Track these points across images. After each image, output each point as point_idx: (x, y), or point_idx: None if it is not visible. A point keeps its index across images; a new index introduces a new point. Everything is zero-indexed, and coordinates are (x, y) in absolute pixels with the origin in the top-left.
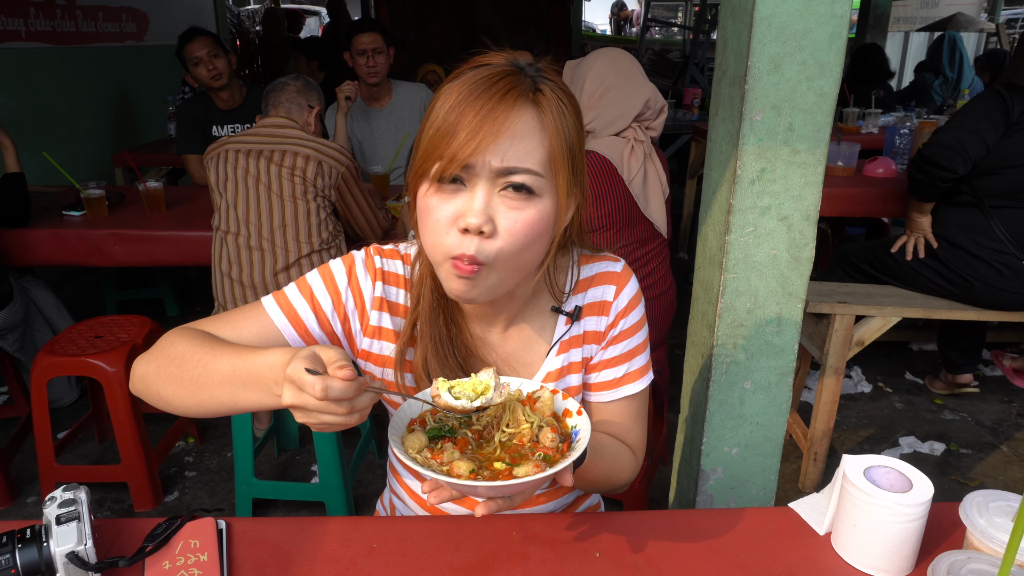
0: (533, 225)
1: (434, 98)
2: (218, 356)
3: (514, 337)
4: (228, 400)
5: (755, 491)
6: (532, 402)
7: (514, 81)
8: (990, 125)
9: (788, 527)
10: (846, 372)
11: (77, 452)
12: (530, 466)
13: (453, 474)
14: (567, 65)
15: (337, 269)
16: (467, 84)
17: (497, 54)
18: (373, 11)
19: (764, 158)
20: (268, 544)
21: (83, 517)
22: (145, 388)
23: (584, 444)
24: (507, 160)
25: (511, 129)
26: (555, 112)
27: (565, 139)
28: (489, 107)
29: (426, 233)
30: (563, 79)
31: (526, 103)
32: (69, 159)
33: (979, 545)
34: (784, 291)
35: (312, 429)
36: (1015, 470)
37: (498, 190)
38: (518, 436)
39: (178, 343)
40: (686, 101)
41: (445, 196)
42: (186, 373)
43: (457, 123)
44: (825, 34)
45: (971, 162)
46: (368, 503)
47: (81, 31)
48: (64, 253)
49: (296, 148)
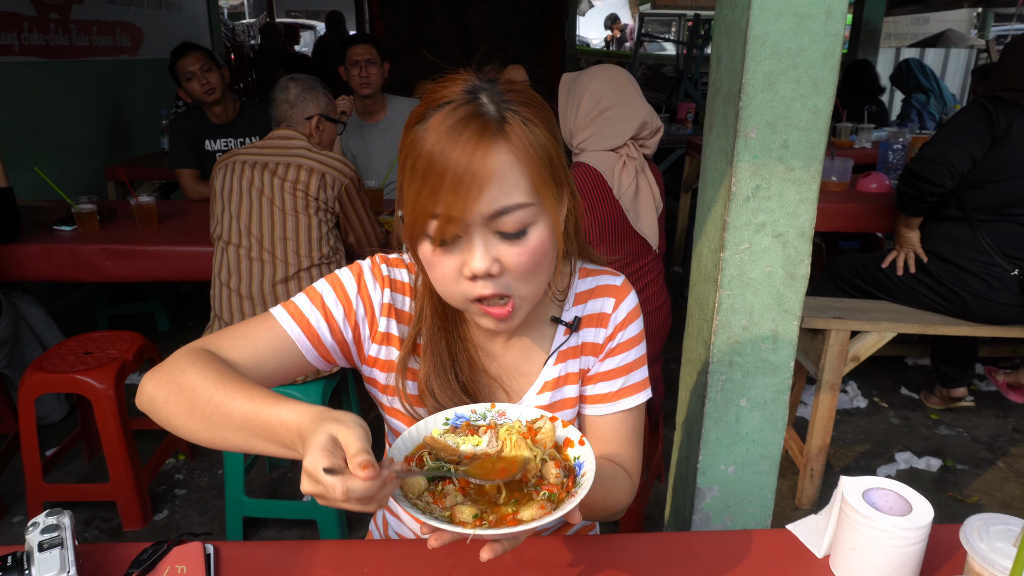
0: (536, 252)
1: (405, 146)
2: (231, 397)
3: (515, 347)
4: (243, 445)
5: (752, 509)
6: (533, 433)
7: (480, 123)
8: (976, 139)
9: (786, 550)
10: (841, 387)
11: (65, 470)
12: (535, 508)
13: (456, 520)
14: (564, 78)
15: (346, 277)
16: (435, 134)
17: (453, 81)
18: (368, 26)
19: (759, 175)
20: (257, 569)
21: (67, 543)
22: (153, 411)
23: (590, 481)
24: (495, 203)
25: (489, 172)
26: (525, 138)
27: (542, 159)
28: (464, 159)
29: (437, 284)
30: (560, 92)
31: (497, 140)
32: (61, 173)
33: (980, 571)
34: (780, 308)
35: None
36: (1012, 486)
37: (494, 231)
38: (522, 473)
39: (189, 372)
40: (680, 115)
41: (445, 251)
42: (198, 408)
43: (439, 182)
44: (819, 52)
45: (958, 175)
46: (361, 521)
47: (75, 45)
48: (54, 268)
49: (300, 161)
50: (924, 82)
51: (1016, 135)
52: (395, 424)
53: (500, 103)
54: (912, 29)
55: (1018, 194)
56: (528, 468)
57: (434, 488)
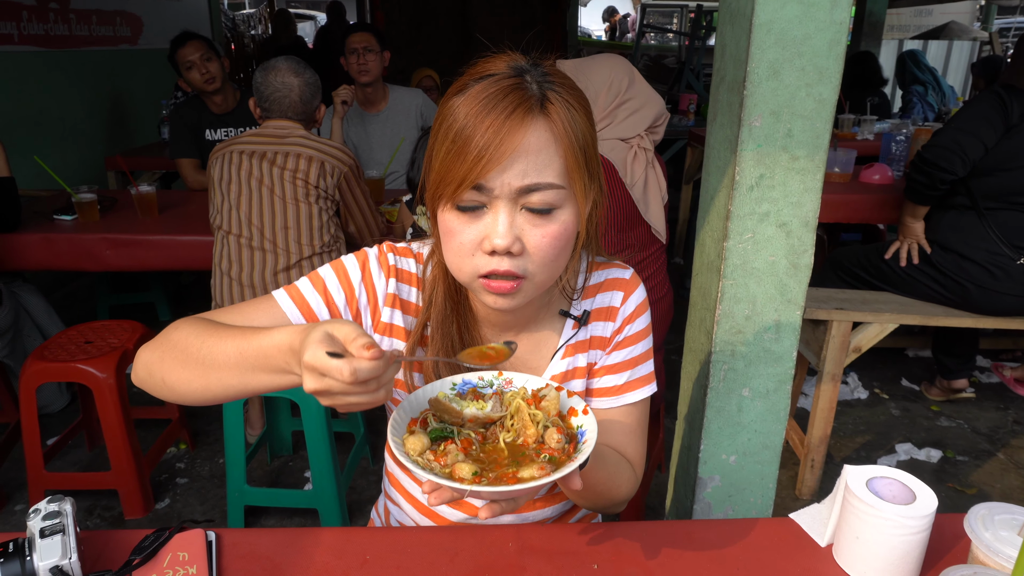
0: (559, 237)
1: (441, 114)
2: (223, 338)
3: (523, 340)
4: (237, 383)
5: (753, 499)
6: (538, 400)
7: (522, 95)
8: (989, 127)
9: (789, 538)
10: (843, 378)
11: (67, 459)
12: (535, 468)
13: (455, 477)
14: (563, 66)
15: (351, 264)
16: (474, 101)
17: (498, 59)
18: (369, 16)
19: (763, 164)
20: (259, 556)
21: (68, 530)
22: (149, 376)
23: (592, 444)
24: (527, 177)
25: (524, 145)
26: (566, 119)
27: (579, 144)
28: (499, 124)
29: (451, 254)
30: None
31: (536, 116)
32: (61, 163)
33: (984, 559)
34: (782, 298)
35: (338, 411)
36: (1012, 477)
37: (520, 208)
38: (523, 436)
39: (182, 328)
40: (682, 107)
41: (467, 218)
42: (191, 357)
43: (467, 144)
44: (824, 40)
45: (970, 163)
46: (362, 510)
47: (74, 35)
48: (55, 258)
49: (299, 150)
50: (920, 74)
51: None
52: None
53: (544, 83)
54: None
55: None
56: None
57: (436, 448)
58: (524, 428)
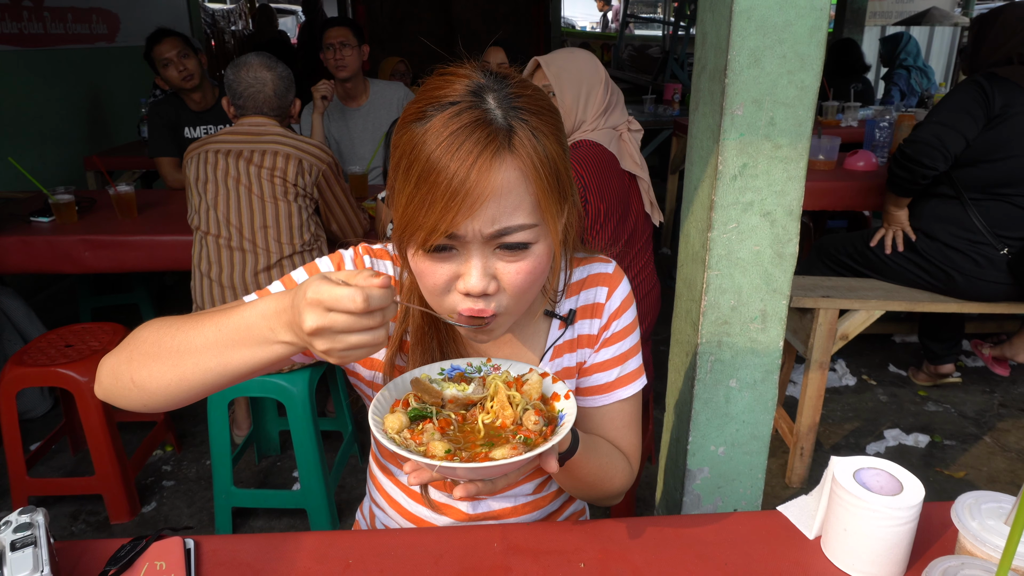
0: (533, 271)
1: (402, 145)
2: (200, 322)
3: (507, 344)
4: (215, 364)
5: (742, 490)
6: (520, 384)
7: (487, 132)
8: (970, 119)
9: (777, 531)
10: (830, 366)
11: (50, 464)
12: (507, 448)
13: (428, 454)
14: (543, 62)
15: (324, 266)
16: (436, 140)
17: (457, 76)
18: (350, 9)
19: (746, 153)
20: (239, 563)
21: (40, 542)
22: (115, 381)
23: (568, 427)
24: (496, 223)
25: (493, 189)
26: (533, 152)
27: (549, 172)
28: (465, 170)
29: (426, 292)
30: (551, 78)
31: (504, 155)
32: (38, 164)
33: (972, 549)
34: (768, 287)
35: (334, 360)
36: (999, 460)
37: (493, 249)
38: (501, 418)
39: (151, 326)
40: (666, 96)
41: (439, 260)
42: (164, 348)
43: (433, 192)
44: (805, 27)
45: (952, 157)
46: (351, 508)
47: (49, 33)
48: (32, 261)
49: (276, 148)
50: (907, 59)
51: (1012, 114)
52: None
53: (508, 109)
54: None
55: (1010, 174)
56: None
57: (414, 427)
58: (502, 410)
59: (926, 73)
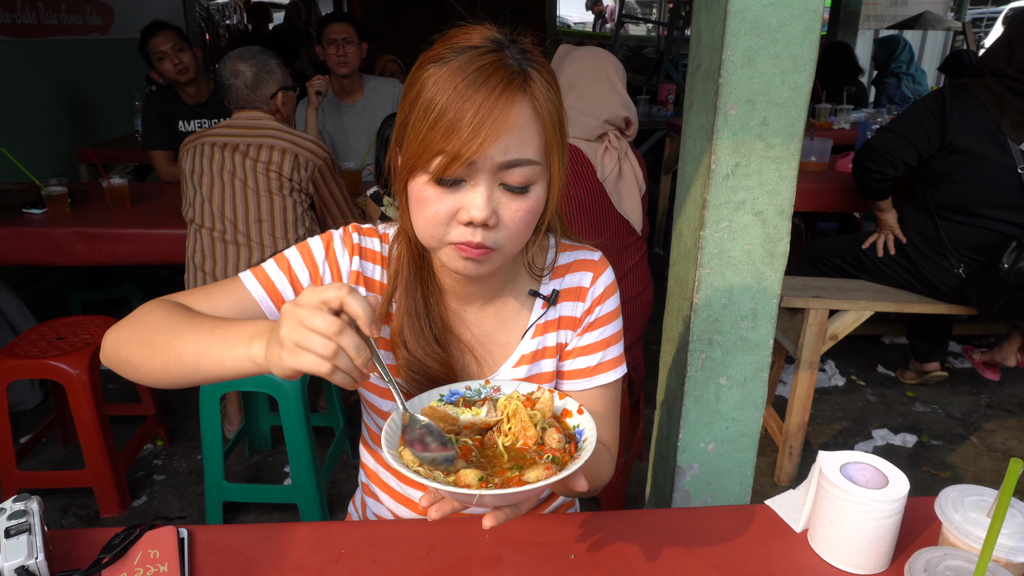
0: (532, 212)
1: (416, 84)
2: (198, 323)
3: (490, 317)
4: (193, 354)
5: (731, 487)
6: (532, 403)
7: (507, 73)
8: (923, 132)
9: (764, 525)
10: (820, 366)
11: (41, 457)
12: (540, 469)
13: (461, 484)
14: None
15: (315, 244)
16: (458, 76)
17: (474, 30)
18: (346, 5)
19: (738, 152)
20: (232, 552)
21: (34, 529)
22: (114, 353)
23: (593, 442)
24: (509, 153)
25: (511, 122)
26: (544, 96)
27: (556, 120)
28: (491, 103)
29: (422, 221)
30: None
31: (520, 93)
32: (31, 156)
33: (955, 541)
34: (759, 286)
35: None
36: (985, 460)
37: (499, 182)
38: (523, 439)
39: (156, 311)
40: (660, 97)
41: (444, 190)
42: (160, 337)
43: (457, 121)
44: (799, 28)
45: (902, 166)
46: (342, 504)
47: (43, 24)
48: (24, 252)
49: (272, 142)
50: (896, 67)
51: (963, 143)
52: (371, 398)
53: (523, 59)
54: (891, 11)
55: (969, 198)
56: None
57: (448, 468)
58: (524, 430)
59: (916, 78)
